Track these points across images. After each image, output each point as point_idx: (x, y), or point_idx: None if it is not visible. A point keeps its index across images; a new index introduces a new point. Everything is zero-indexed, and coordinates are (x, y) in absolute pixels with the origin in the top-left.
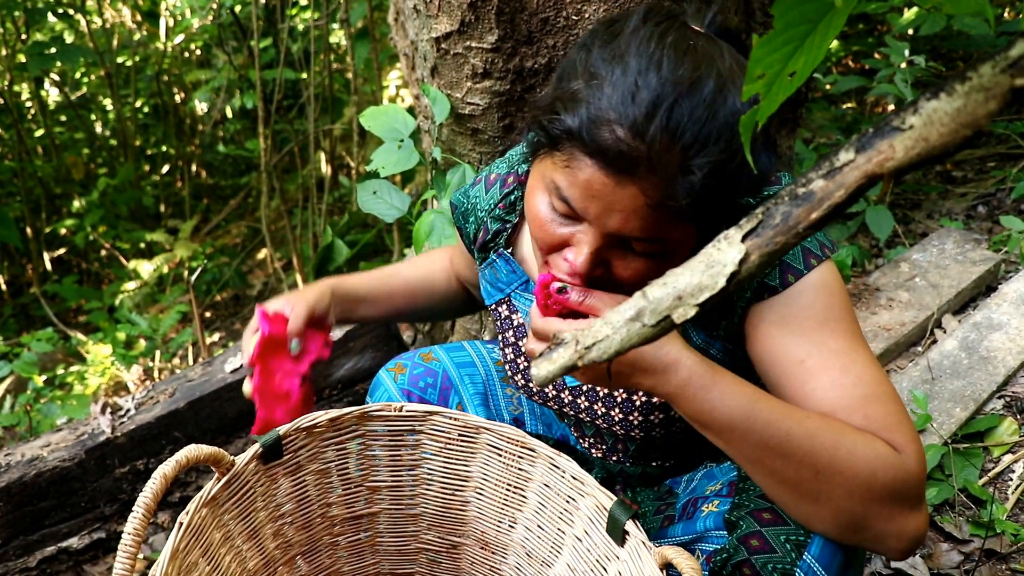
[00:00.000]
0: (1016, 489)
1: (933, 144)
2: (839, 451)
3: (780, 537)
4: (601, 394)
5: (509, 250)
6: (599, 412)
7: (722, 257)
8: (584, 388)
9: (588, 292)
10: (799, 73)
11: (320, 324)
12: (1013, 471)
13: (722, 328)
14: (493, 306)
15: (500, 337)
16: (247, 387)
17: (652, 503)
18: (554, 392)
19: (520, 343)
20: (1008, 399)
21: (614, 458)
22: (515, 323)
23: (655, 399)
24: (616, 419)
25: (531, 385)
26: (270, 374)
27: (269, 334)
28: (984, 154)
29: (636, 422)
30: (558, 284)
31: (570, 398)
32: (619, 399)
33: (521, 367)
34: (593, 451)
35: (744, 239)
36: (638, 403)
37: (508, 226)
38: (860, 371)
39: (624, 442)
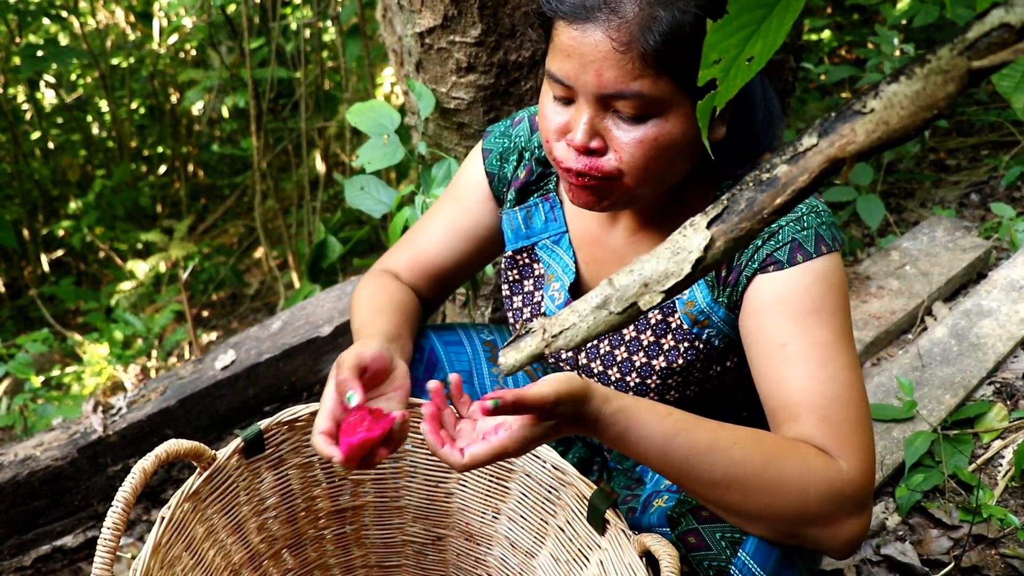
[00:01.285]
0: (1005, 475)
1: (894, 127)
2: (767, 473)
3: (716, 534)
4: (601, 352)
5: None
6: (595, 371)
7: (688, 243)
8: (601, 351)
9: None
10: (757, 58)
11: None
12: (1003, 457)
13: (726, 295)
14: (510, 253)
15: (507, 287)
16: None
17: (622, 491)
18: (569, 354)
19: (537, 293)
20: (998, 385)
21: None
22: (536, 272)
23: (675, 364)
24: (612, 379)
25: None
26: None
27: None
28: (977, 142)
29: (632, 383)
30: (489, 403)
31: (584, 361)
32: (637, 363)
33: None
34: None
35: (709, 225)
36: (637, 364)
37: (551, 169)
38: (836, 370)
39: None
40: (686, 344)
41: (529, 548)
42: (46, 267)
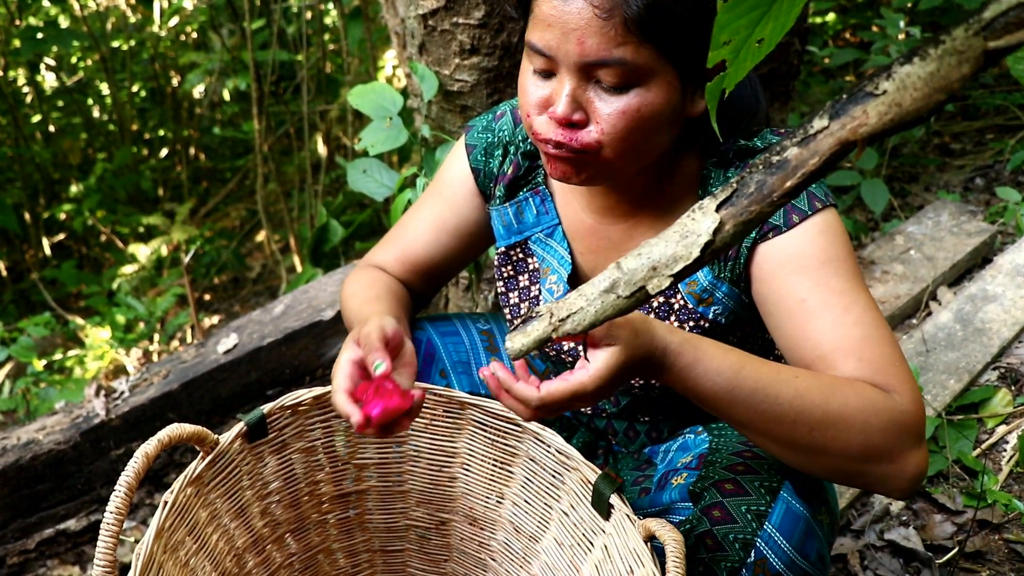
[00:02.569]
0: (1009, 460)
1: (907, 109)
2: (830, 406)
3: (741, 507)
4: None
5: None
6: None
7: (696, 227)
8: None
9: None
10: (767, 40)
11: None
12: (1007, 442)
13: (728, 269)
14: (503, 250)
15: (502, 283)
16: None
17: (631, 473)
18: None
19: (534, 287)
20: (1003, 370)
21: (602, 414)
22: (530, 267)
23: None
24: None
25: None
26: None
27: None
28: (982, 126)
29: None
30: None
31: (571, 346)
32: None
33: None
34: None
35: (719, 208)
36: None
37: (538, 163)
38: (860, 312)
39: (619, 396)
40: (691, 324)
41: (533, 533)
42: (48, 250)
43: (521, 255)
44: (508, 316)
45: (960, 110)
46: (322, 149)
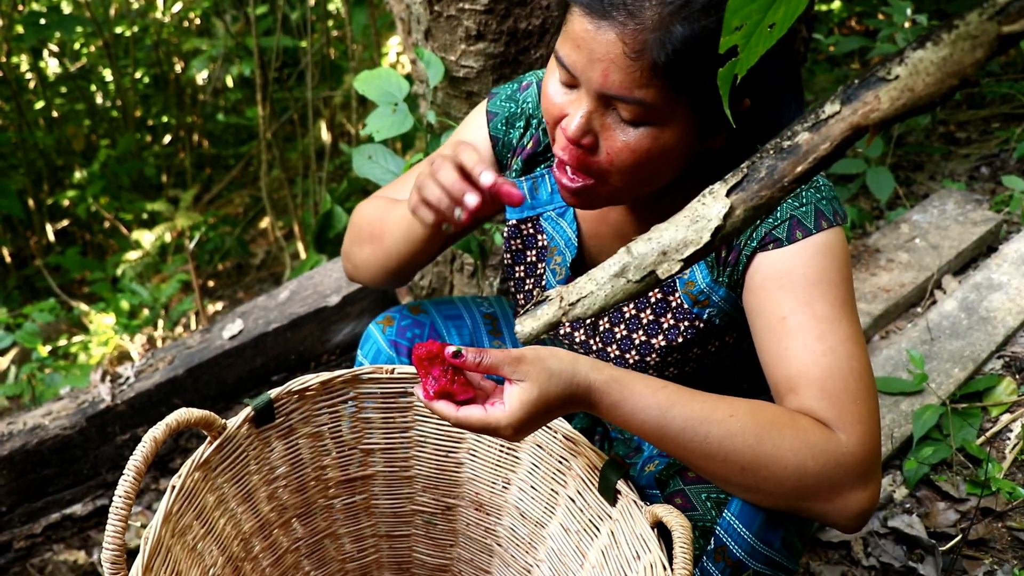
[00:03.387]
0: (1013, 448)
1: (919, 94)
2: (763, 447)
3: (702, 495)
4: (600, 329)
5: None
6: (595, 347)
7: (707, 212)
8: (600, 328)
9: (483, 352)
10: (779, 24)
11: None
12: (1011, 430)
13: (726, 275)
14: (514, 222)
15: (509, 256)
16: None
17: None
18: (567, 330)
19: (540, 264)
20: (1007, 359)
21: None
22: (539, 243)
23: (674, 343)
24: (611, 356)
25: None
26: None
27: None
28: (988, 114)
29: (631, 361)
30: (452, 349)
31: (567, 329)
32: (618, 336)
33: (534, 292)
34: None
35: (729, 193)
36: (636, 342)
37: None
38: (836, 342)
39: None
40: (686, 323)
41: (539, 518)
42: (52, 237)
43: (532, 230)
44: (512, 289)
45: (966, 98)
46: (326, 136)
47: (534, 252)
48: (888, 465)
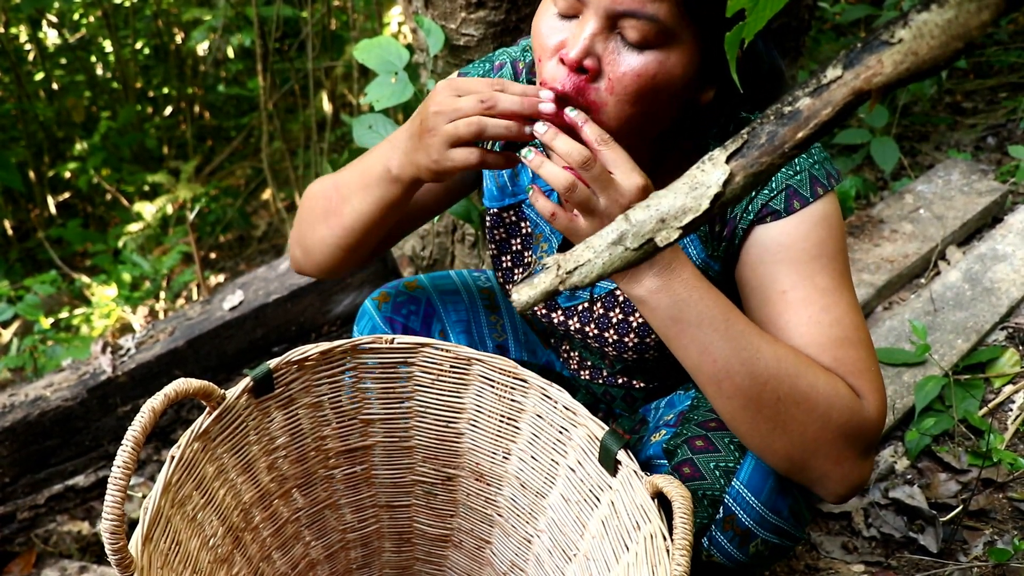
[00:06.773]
0: (1016, 419)
1: (923, 58)
2: (801, 381)
3: (710, 464)
4: (595, 315)
5: None
6: (591, 334)
7: (706, 178)
8: (579, 309)
9: (606, 138)
10: None
11: None
12: (1013, 402)
13: (722, 250)
14: (495, 211)
15: (495, 246)
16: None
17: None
18: (544, 311)
19: (527, 253)
20: (1011, 330)
21: (599, 380)
22: (523, 231)
23: None
24: (610, 341)
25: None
26: None
27: None
28: (995, 84)
29: (631, 344)
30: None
31: (561, 318)
32: (614, 320)
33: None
34: (581, 373)
35: (729, 160)
36: (634, 325)
37: None
38: (840, 313)
39: (613, 363)
40: None
41: (539, 488)
42: (53, 209)
43: (514, 218)
44: (500, 280)
45: (972, 68)
46: (327, 106)
47: (519, 240)
48: (890, 436)
